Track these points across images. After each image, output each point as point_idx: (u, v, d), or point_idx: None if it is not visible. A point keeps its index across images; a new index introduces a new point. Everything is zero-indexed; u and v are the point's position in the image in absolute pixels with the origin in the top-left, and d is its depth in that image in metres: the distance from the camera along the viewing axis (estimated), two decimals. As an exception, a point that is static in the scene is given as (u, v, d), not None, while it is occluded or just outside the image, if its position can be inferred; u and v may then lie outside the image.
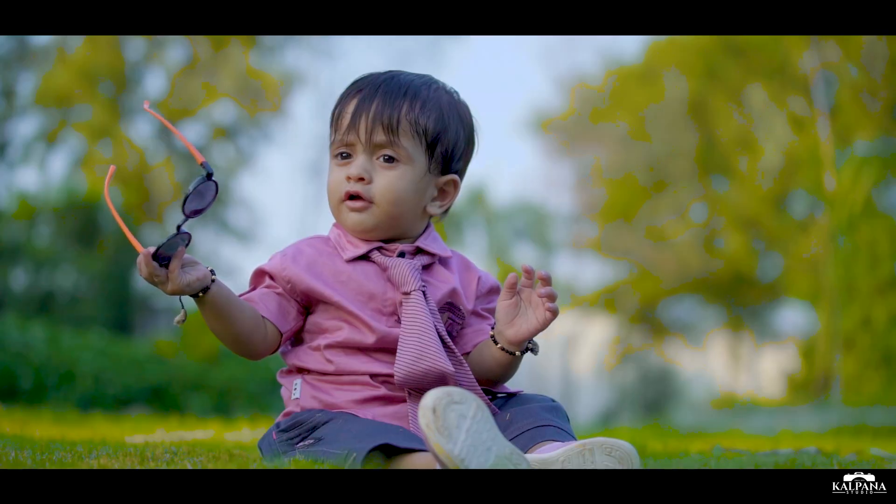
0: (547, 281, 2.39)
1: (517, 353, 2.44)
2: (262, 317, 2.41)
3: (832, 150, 14.14)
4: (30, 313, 13.48)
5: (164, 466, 2.25)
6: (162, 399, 10.07)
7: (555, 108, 22.36)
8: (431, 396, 1.98)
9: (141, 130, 18.44)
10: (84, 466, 2.21)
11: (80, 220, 16.50)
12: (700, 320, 22.36)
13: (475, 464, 1.98)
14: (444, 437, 1.96)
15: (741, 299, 20.51)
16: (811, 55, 15.69)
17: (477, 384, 2.43)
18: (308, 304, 2.46)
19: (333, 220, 2.54)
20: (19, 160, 17.21)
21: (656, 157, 20.02)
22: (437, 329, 2.41)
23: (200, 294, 2.30)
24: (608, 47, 24.93)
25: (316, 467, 2.10)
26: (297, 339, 2.50)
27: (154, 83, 18.66)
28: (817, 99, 15.59)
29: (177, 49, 18.08)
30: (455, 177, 2.54)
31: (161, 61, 18.04)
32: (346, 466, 2.11)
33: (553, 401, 2.46)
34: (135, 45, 17.63)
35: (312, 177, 20.14)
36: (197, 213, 2.26)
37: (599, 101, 21.39)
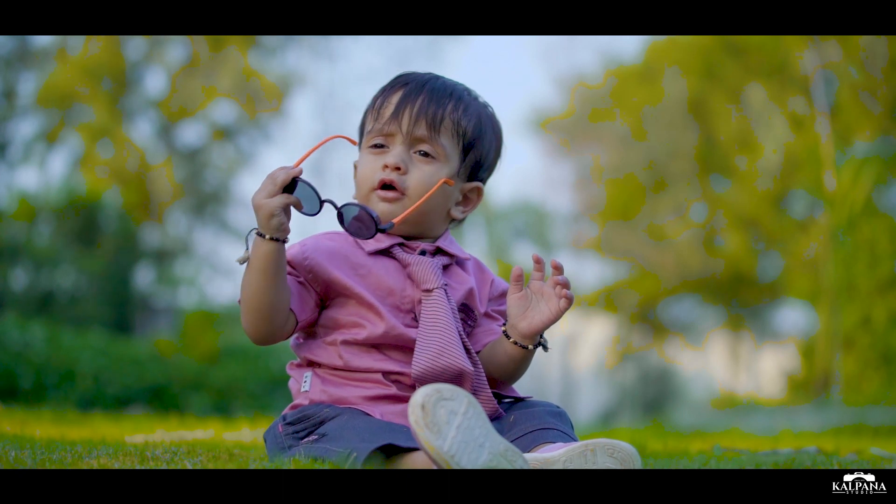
0: (560, 269, 2.39)
1: (530, 346, 2.44)
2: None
3: (832, 150, 14.13)
4: (30, 313, 13.47)
5: (164, 466, 2.25)
6: (162, 399, 10.06)
7: (555, 107, 22.34)
8: (421, 393, 1.97)
9: (141, 130, 18.44)
10: (84, 466, 2.21)
11: (80, 220, 16.49)
12: (700, 320, 22.35)
13: (466, 461, 1.97)
14: (433, 433, 1.95)
15: (741, 299, 20.49)
16: (811, 55, 15.68)
17: (488, 387, 2.43)
18: (326, 295, 2.45)
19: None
20: (19, 160, 17.19)
21: (656, 157, 20.00)
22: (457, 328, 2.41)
23: (267, 237, 2.28)
24: (608, 47, 24.91)
25: (315, 467, 2.09)
26: (310, 332, 2.49)
27: (154, 83, 18.66)
28: (817, 99, 15.58)
29: (177, 49, 18.06)
30: (480, 184, 2.58)
31: (161, 61, 18.02)
32: (347, 466, 2.11)
33: (558, 407, 2.46)
34: (135, 45, 17.62)
35: (312, 177, 20.10)
36: (329, 203, 2.34)
37: (599, 100, 21.37)
